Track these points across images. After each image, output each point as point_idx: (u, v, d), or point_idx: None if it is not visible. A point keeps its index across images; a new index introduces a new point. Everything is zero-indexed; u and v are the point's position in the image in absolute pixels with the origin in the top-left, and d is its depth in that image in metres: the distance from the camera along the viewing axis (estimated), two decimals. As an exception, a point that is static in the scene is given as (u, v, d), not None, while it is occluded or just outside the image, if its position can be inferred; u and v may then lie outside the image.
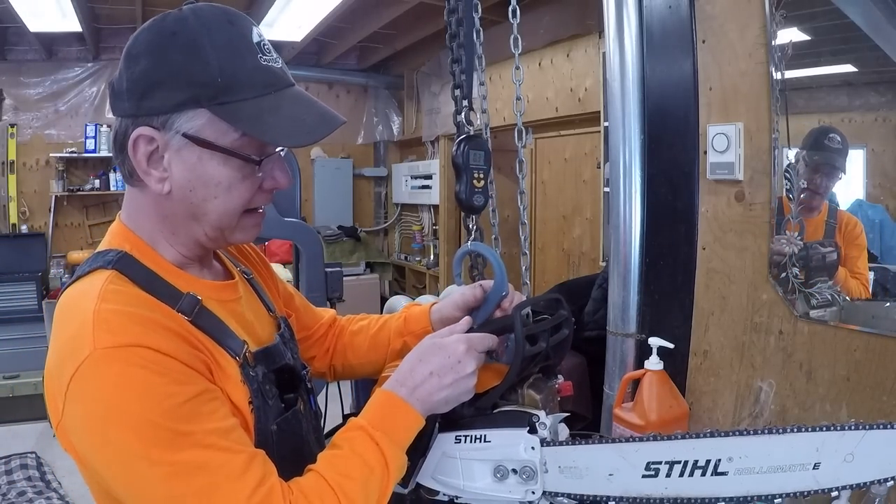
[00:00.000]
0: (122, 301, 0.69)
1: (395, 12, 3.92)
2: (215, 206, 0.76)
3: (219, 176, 0.74)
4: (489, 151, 1.02)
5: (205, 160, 0.74)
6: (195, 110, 0.72)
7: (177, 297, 0.75)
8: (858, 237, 1.24)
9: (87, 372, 0.64)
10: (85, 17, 4.04)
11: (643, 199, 1.50)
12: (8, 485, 3.16)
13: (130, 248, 0.77)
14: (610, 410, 1.47)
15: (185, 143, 0.73)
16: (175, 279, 0.77)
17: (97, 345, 0.64)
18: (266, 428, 0.77)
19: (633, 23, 1.47)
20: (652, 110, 1.48)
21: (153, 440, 0.64)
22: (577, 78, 3.49)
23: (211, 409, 0.68)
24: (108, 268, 0.73)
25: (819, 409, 1.24)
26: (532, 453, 0.79)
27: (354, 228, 5.68)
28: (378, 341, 1.10)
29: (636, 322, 1.52)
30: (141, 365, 0.65)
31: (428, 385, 0.78)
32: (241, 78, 0.72)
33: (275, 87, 0.75)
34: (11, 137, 4.60)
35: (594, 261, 3.56)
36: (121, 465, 0.65)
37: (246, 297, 0.90)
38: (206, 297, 0.78)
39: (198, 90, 0.71)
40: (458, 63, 1.08)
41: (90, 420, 0.65)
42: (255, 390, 0.77)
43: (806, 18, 1.28)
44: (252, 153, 0.75)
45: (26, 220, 4.72)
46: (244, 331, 0.82)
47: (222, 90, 0.71)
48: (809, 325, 1.25)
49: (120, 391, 0.64)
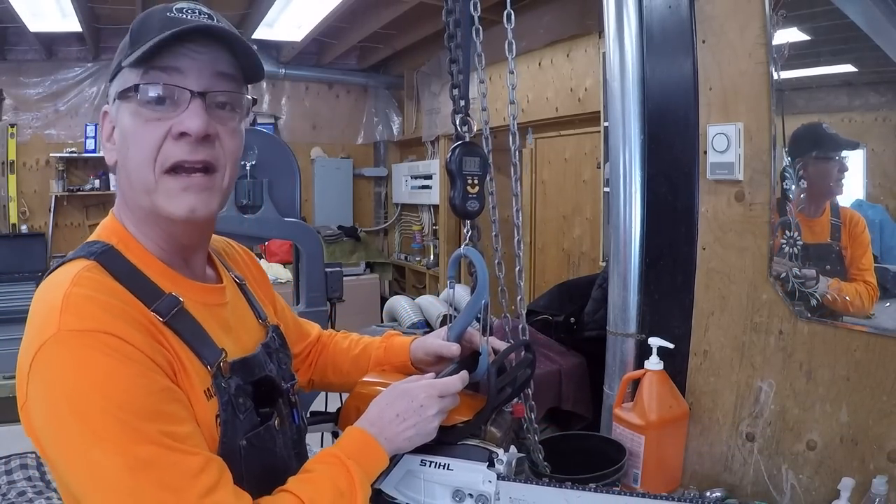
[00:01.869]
0: (95, 288, 0.69)
1: (395, 12, 3.92)
2: (132, 160, 0.75)
3: (127, 125, 0.74)
4: (485, 157, 1.02)
5: (122, 114, 0.75)
6: (120, 72, 0.76)
7: (157, 296, 0.74)
8: (862, 234, 1.22)
9: (48, 351, 0.64)
10: (85, 17, 4.04)
11: (643, 199, 1.50)
12: (8, 485, 3.16)
13: (117, 242, 0.77)
14: (610, 410, 1.47)
15: (117, 106, 0.76)
16: (159, 277, 0.77)
17: (62, 326, 0.64)
18: (233, 443, 0.76)
19: (633, 23, 1.47)
20: (652, 110, 1.48)
21: (108, 430, 0.63)
22: (577, 78, 3.49)
23: (170, 411, 0.67)
24: (90, 258, 0.73)
25: (819, 409, 1.24)
26: (489, 486, 0.88)
27: (354, 228, 5.68)
28: (359, 365, 1.13)
29: (636, 322, 1.52)
30: (104, 352, 0.64)
31: (393, 426, 0.84)
32: (145, 30, 0.74)
33: (169, 27, 0.72)
34: (11, 137, 4.60)
35: (594, 261, 3.56)
36: (73, 451, 0.64)
37: (234, 303, 0.89)
38: (189, 298, 0.77)
39: (120, 56, 0.76)
40: (456, 63, 1.07)
41: (48, 401, 0.65)
42: (225, 403, 0.76)
43: (806, 18, 1.28)
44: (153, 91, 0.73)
45: (26, 220, 4.72)
46: (226, 337, 0.82)
47: (129, 46, 0.74)
48: (809, 325, 1.25)
49: (79, 376, 0.63)
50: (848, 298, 1.21)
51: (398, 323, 2.50)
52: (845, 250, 1.24)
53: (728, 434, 1.38)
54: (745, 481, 1.35)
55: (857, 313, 1.20)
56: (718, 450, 1.40)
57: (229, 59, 0.77)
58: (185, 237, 0.81)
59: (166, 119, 0.73)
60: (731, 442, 1.38)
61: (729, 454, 1.38)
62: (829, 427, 1.22)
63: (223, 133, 0.77)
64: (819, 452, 1.24)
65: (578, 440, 1.42)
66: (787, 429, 1.29)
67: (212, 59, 0.75)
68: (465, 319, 1.02)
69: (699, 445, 1.43)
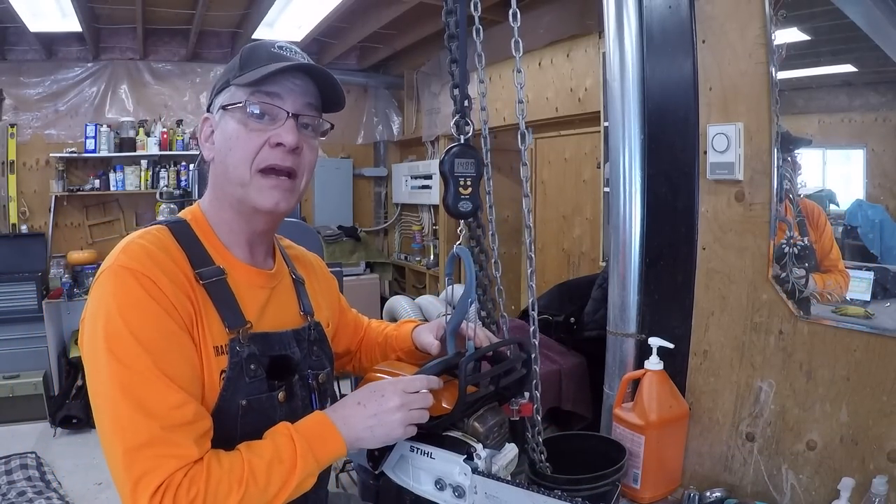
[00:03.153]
0: (153, 242, 0.88)
1: (395, 12, 3.91)
2: (232, 158, 0.93)
3: (231, 129, 0.94)
4: (479, 158, 1.03)
5: (227, 120, 0.95)
6: (227, 89, 0.96)
7: (205, 263, 0.92)
8: (825, 226, 1.25)
9: (102, 277, 0.84)
10: (85, 17, 4.03)
11: (643, 199, 1.50)
12: (8, 485, 3.16)
13: (191, 220, 0.97)
14: (610, 410, 1.47)
15: (222, 114, 0.96)
16: (215, 253, 0.95)
17: (115, 262, 0.84)
18: (233, 399, 0.88)
19: (633, 23, 1.47)
20: (652, 110, 1.48)
21: (117, 346, 0.79)
22: (577, 78, 3.49)
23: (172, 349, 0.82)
24: (164, 225, 0.94)
25: (819, 409, 1.24)
26: (465, 478, 0.92)
27: (354, 228, 5.67)
28: (385, 351, 1.28)
29: (636, 322, 1.52)
30: (135, 287, 0.82)
31: (353, 412, 0.90)
32: (254, 59, 0.95)
33: (275, 59, 0.94)
34: (11, 137, 4.59)
35: (594, 261, 3.56)
36: (90, 354, 0.82)
37: (281, 291, 1.03)
38: (235, 276, 0.94)
39: (228, 75, 0.97)
40: (456, 63, 1.08)
41: (91, 313, 0.83)
42: (235, 363, 0.88)
43: (806, 18, 1.28)
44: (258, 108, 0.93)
45: (26, 220, 4.72)
46: (259, 314, 0.95)
47: (240, 67, 0.95)
48: (809, 325, 1.25)
49: (115, 300, 0.81)
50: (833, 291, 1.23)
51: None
52: (816, 244, 1.25)
53: (728, 434, 1.38)
54: (745, 481, 1.35)
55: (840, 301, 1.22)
56: (718, 450, 1.40)
57: (316, 92, 0.98)
58: (260, 224, 0.99)
59: (265, 131, 0.93)
60: (731, 442, 1.38)
61: (729, 454, 1.38)
62: (829, 427, 1.22)
63: (306, 148, 0.97)
64: (819, 452, 1.24)
65: (578, 440, 1.42)
66: (787, 429, 1.29)
67: (304, 90, 0.96)
68: (456, 318, 1.08)
69: (699, 445, 1.43)
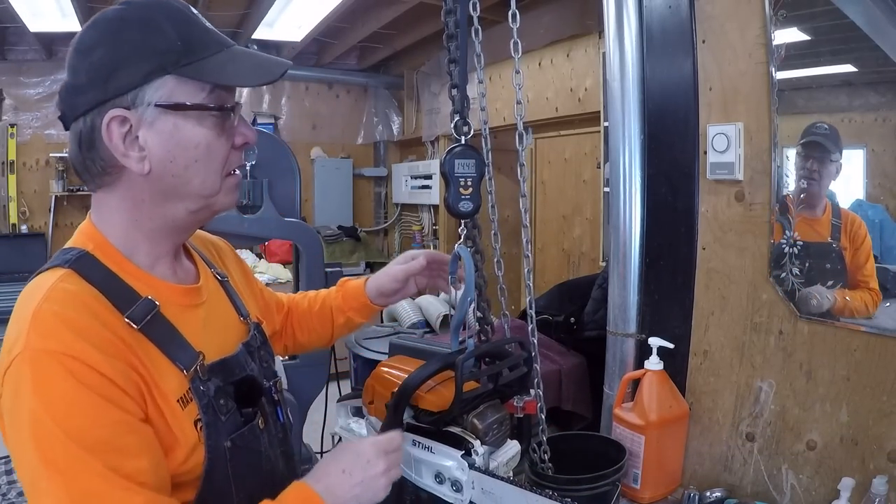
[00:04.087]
0: (66, 303, 0.69)
1: (395, 12, 3.91)
2: (197, 171, 0.78)
3: (197, 137, 0.77)
4: (480, 158, 1.03)
5: (180, 125, 0.76)
6: (162, 78, 0.74)
7: (132, 301, 0.75)
8: (864, 240, 1.21)
9: (16, 369, 0.66)
10: (85, 17, 4.03)
11: (643, 199, 1.50)
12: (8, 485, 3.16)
13: (93, 248, 0.77)
14: (610, 410, 1.47)
15: (158, 113, 0.75)
16: (135, 281, 0.78)
17: (27, 345, 0.66)
18: (219, 444, 0.77)
19: (633, 23, 1.47)
20: (652, 110, 1.48)
21: (57, 459, 0.64)
22: (577, 78, 3.49)
23: (123, 444, 0.67)
24: (65, 266, 0.73)
25: (819, 409, 1.24)
26: (461, 473, 0.93)
27: (354, 228, 5.67)
28: (323, 318, 1.21)
29: (636, 322, 1.52)
30: (65, 377, 0.65)
31: (339, 481, 0.82)
32: (197, 40, 0.77)
33: (225, 45, 0.80)
34: (11, 137, 4.59)
35: (594, 261, 3.56)
36: (26, 471, 0.66)
37: (213, 301, 0.90)
38: (165, 301, 0.78)
39: (162, 58, 0.74)
40: (455, 63, 1.07)
41: (12, 419, 0.67)
42: (206, 406, 0.77)
43: (806, 18, 1.28)
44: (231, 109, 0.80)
45: (26, 220, 4.72)
46: (203, 339, 0.82)
47: (184, 53, 0.75)
48: (809, 325, 1.25)
49: (40, 400, 0.64)
50: (855, 307, 1.21)
51: (398, 323, 2.50)
52: (845, 250, 1.24)
53: (728, 434, 1.38)
54: (745, 481, 1.35)
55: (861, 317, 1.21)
56: (718, 450, 1.40)
57: None
58: (194, 229, 0.89)
59: (229, 131, 0.81)
60: (731, 442, 1.38)
61: (729, 454, 1.38)
62: (829, 427, 1.22)
63: None
64: (819, 452, 1.24)
65: (578, 440, 1.42)
66: (787, 429, 1.29)
67: None
68: (458, 317, 1.09)
69: (699, 445, 1.43)
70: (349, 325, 1.23)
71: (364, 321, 1.23)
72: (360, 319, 1.22)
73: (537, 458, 1.24)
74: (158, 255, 0.82)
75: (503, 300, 1.23)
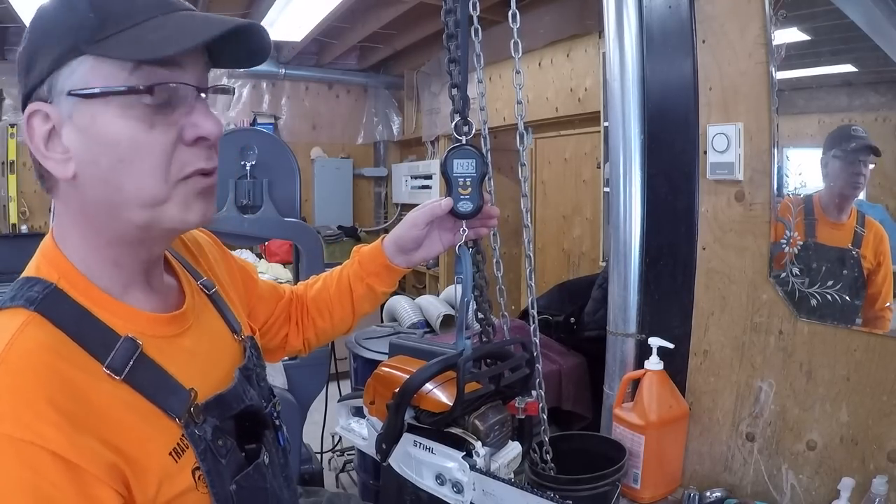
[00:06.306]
0: (29, 366, 0.56)
1: (395, 12, 3.91)
2: (128, 174, 0.62)
3: (118, 131, 0.61)
4: (480, 158, 1.04)
5: (98, 117, 0.61)
6: (76, 59, 0.60)
7: (110, 344, 0.63)
8: (886, 255, 1.18)
9: None
10: (85, 17, 4.04)
11: (643, 199, 1.50)
12: None
13: (59, 279, 0.65)
14: (610, 410, 1.47)
15: (75, 104, 0.61)
16: (111, 316, 0.65)
17: None
18: (224, 490, 0.68)
19: (633, 23, 1.47)
20: (652, 110, 1.48)
21: None
22: (577, 78, 3.49)
23: None
24: (30, 308, 0.61)
25: (819, 409, 1.24)
26: (462, 475, 0.93)
27: (354, 228, 5.67)
28: (341, 296, 1.07)
29: (636, 322, 1.52)
30: (28, 472, 0.53)
31: None
32: (117, 9, 0.61)
33: (163, 10, 0.62)
34: (11, 137, 4.59)
35: (594, 261, 3.56)
36: None
37: (202, 322, 0.78)
38: (146, 334, 0.67)
39: (73, 37, 0.60)
40: (455, 63, 1.07)
41: None
42: (203, 451, 0.67)
43: (806, 18, 1.28)
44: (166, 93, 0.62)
45: (26, 220, 4.72)
46: (193, 372, 0.71)
47: (98, 26, 0.59)
48: (809, 325, 1.25)
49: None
50: None
51: (398, 323, 2.50)
52: (864, 259, 1.23)
53: (728, 434, 1.38)
54: (745, 481, 1.35)
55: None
56: (718, 450, 1.40)
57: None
58: (163, 247, 0.73)
59: (172, 122, 0.63)
60: (731, 442, 1.38)
61: (729, 454, 1.38)
62: (829, 427, 1.22)
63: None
64: (819, 452, 1.24)
65: (578, 440, 1.42)
66: (787, 429, 1.29)
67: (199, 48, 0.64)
68: (461, 317, 1.09)
69: (699, 445, 1.43)
70: (371, 295, 1.06)
71: (387, 289, 1.07)
72: (381, 287, 1.06)
73: (538, 458, 1.24)
74: (128, 279, 0.69)
75: (502, 301, 1.23)
